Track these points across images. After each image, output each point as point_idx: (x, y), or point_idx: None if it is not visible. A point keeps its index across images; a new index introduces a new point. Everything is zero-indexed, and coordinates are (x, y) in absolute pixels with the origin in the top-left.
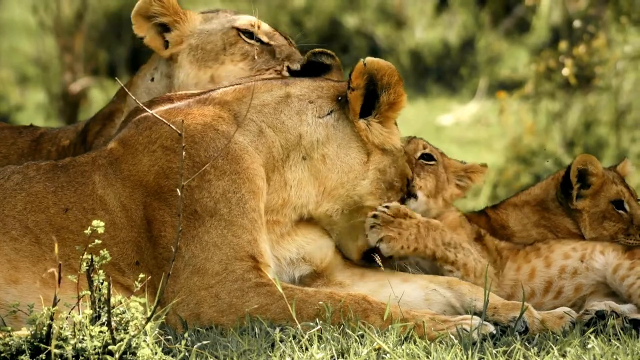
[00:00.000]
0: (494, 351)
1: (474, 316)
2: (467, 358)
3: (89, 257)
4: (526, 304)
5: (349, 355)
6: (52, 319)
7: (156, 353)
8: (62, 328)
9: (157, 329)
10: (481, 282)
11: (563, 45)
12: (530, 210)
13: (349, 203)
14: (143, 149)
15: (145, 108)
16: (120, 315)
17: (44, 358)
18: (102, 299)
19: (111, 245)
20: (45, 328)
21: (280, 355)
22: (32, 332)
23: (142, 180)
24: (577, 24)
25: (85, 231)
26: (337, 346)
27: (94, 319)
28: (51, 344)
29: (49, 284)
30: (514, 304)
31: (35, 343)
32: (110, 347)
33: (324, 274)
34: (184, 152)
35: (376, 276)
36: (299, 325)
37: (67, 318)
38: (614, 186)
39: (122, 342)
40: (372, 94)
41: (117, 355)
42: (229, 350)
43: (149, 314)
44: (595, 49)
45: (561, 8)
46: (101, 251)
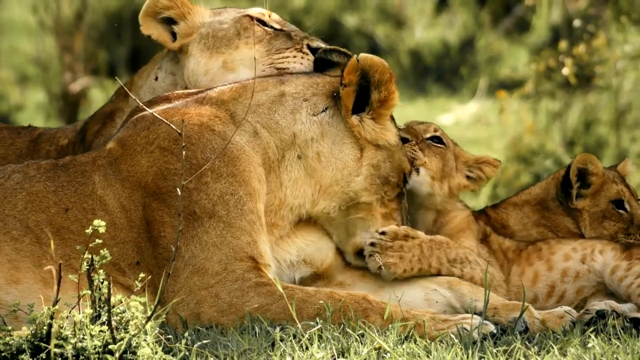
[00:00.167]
0: (495, 350)
1: (475, 315)
2: (468, 357)
3: (90, 256)
4: (526, 304)
5: (349, 355)
6: (52, 318)
7: (156, 352)
8: (62, 327)
9: (158, 329)
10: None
11: (563, 45)
12: (531, 209)
13: (345, 199)
14: (141, 150)
15: (146, 107)
16: (120, 315)
17: (44, 357)
18: (103, 298)
19: (111, 245)
20: (45, 327)
21: (281, 354)
22: (33, 332)
23: (140, 181)
24: (577, 23)
25: (87, 230)
26: (337, 345)
27: (94, 319)
28: (51, 343)
29: (49, 284)
30: (515, 304)
31: (36, 342)
32: (110, 347)
33: (325, 275)
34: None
35: (376, 276)
36: (299, 325)
37: (67, 317)
38: (614, 186)
39: (122, 342)
40: (365, 90)
41: (117, 355)
42: (229, 349)
43: (149, 313)
44: (595, 49)
45: (561, 7)
46: (101, 251)
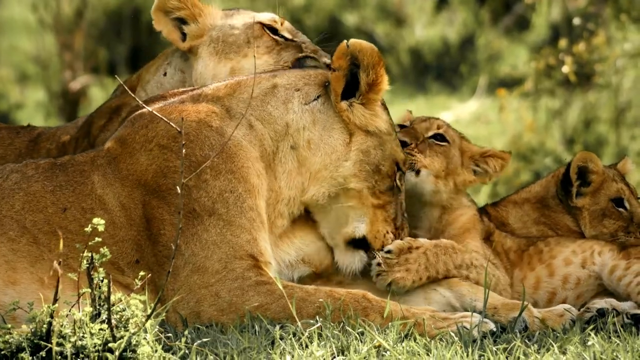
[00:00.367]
0: (494, 348)
1: (474, 313)
2: (468, 355)
3: (89, 255)
4: (525, 303)
5: (349, 353)
6: (52, 316)
7: (156, 350)
8: (62, 326)
9: (157, 327)
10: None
11: (563, 43)
12: (531, 207)
13: (333, 184)
14: (140, 148)
15: (145, 105)
16: (120, 313)
17: (44, 356)
18: (102, 296)
19: (110, 244)
20: (45, 326)
21: (281, 352)
22: (32, 330)
23: (140, 180)
24: (576, 21)
25: (86, 229)
26: (337, 344)
27: (94, 317)
28: (53, 341)
29: (46, 285)
30: (514, 304)
31: (36, 341)
32: (110, 345)
33: (324, 275)
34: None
35: None
36: (299, 323)
37: (67, 316)
38: (614, 184)
39: (122, 340)
40: (356, 77)
41: (117, 353)
42: (229, 347)
43: (149, 311)
44: (595, 47)
45: (561, 5)
46: (101, 249)
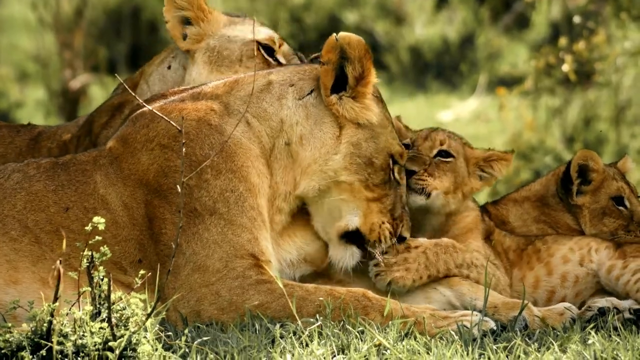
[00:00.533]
0: (494, 347)
1: (474, 312)
2: (468, 354)
3: (89, 253)
4: (526, 301)
5: (349, 352)
6: (52, 315)
7: (156, 349)
8: (62, 324)
9: (158, 326)
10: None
11: (563, 41)
12: (531, 206)
13: (324, 178)
14: (141, 148)
15: (145, 104)
16: (120, 312)
17: (44, 354)
18: (103, 295)
19: (113, 244)
20: (45, 324)
21: (281, 351)
22: (33, 329)
23: (142, 179)
24: (576, 19)
25: (86, 228)
26: (337, 342)
27: (95, 316)
28: (52, 340)
29: (48, 284)
30: (515, 303)
31: (36, 339)
32: (110, 344)
33: (325, 273)
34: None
35: None
36: (299, 322)
37: (67, 314)
38: (614, 182)
39: (122, 339)
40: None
41: (117, 352)
42: (229, 346)
43: (149, 310)
44: (595, 45)
45: (561, 4)
46: (101, 248)
